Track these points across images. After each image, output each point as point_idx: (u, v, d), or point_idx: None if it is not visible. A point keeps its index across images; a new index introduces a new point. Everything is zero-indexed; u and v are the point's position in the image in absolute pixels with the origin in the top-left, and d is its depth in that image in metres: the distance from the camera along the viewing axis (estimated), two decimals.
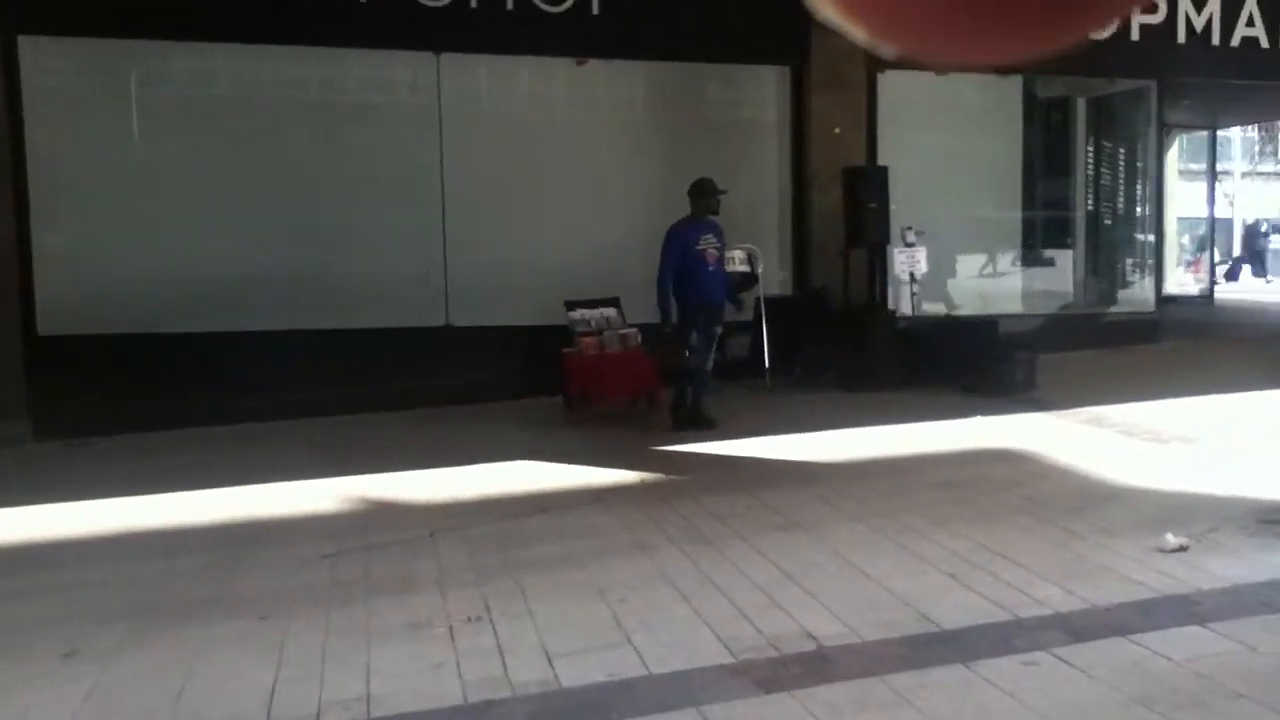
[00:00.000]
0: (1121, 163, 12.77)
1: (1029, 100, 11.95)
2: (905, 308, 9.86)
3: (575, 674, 3.79)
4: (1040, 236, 12.21)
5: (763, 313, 9.24)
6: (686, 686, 3.69)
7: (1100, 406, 8.18)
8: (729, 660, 3.88)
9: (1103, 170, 12.69)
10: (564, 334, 9.25)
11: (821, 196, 10.25)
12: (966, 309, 10.86)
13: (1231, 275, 21.64)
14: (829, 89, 10.22)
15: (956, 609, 4.29)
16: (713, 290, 7.98)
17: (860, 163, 10.12)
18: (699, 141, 10.86)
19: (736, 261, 8.87)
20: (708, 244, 7.96)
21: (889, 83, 10.53)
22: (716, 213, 8.15)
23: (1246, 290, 20.41)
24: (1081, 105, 12.27)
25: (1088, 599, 4.34)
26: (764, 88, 10.91)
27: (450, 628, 4.28)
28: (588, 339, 8.56)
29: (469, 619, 4.36)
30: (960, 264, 11.57)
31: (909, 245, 9.46)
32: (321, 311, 9.48)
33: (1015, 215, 11.99)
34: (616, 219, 10.62)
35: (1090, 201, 12.54)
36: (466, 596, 4.63)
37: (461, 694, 3.68)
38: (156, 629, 4.42)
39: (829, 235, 10.18)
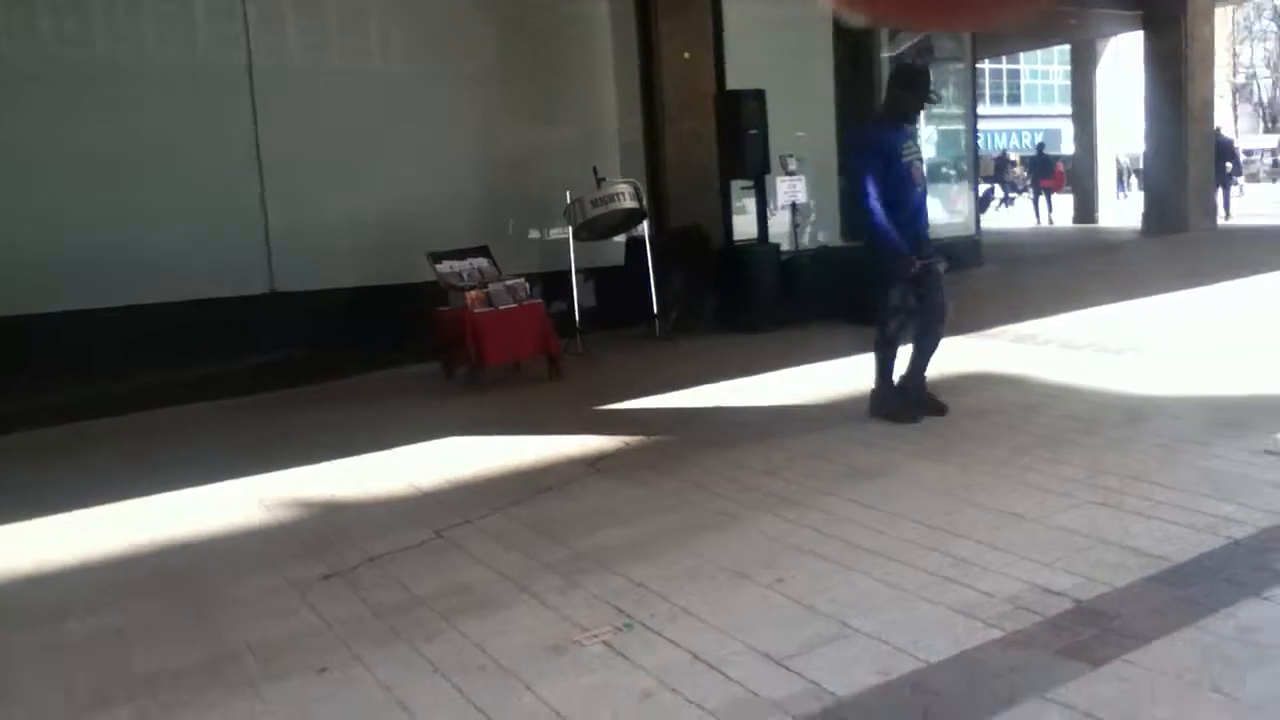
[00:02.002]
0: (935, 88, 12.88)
1: (838, 28, 11.70)
2: (784, 241, 9.35)
3: (838, 680, 2.93)
4: None
5: (647, 254, 8.42)
6: (987, 671, 2.93)
7: (1012, 325, 8.07)
8: (996, 634, 3.15)
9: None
10: (416, 292, 8.10)
11: (674, 127, 9.55)
12: (812, 239, 10.51)
13: (983, 205, 23.01)
14: (674, 12, 9.50)
15: (1158, 539, 3.77)
16: (922, 221, 5.59)
17: (710, 89, 9.50)
18: (529, 69, 9.85)
19: (626, 197, 8.01)
20: (911, 154, 5.49)
21: (731, 4, 9.95)
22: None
23: (994, 219, 21.72)
24: (885, 34, 12.22)
25: (1276, 511, 3.96)
26: (599, 9, 10.00)
27: (605, 643, 3.28)
28: (474, 294, 7.41)
29: (616, 629, 3.37)
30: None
31: (790, 173, 8.95)
32: (125, 286, 7.74)
33: (833, 143, 11.74)
34: (449, 158, 9.47)
35: None
36: (578, 601, 3.62)
37: None
38: (179, 706, 3.11)
39: (686, 168, 9.52)
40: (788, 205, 9.07)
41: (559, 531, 4.38)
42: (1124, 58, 21.42)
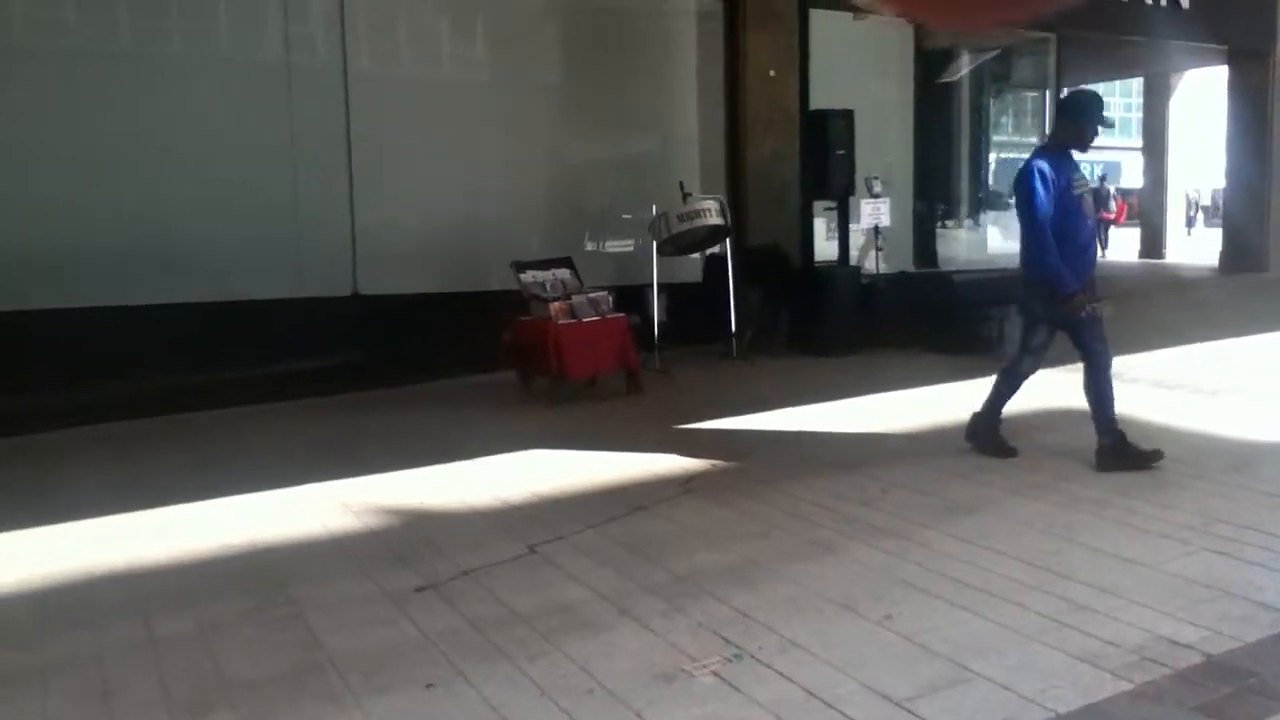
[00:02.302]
0: (1014, 117, 12.75)
1: (920, 52, 11.58)
2: (867, 263, 9.25)
3: None
4: (943, 190, 11.93)
5: (728, 272, 8.34)
6: None
7: None
8: (1125, 685, 3.03)
9: (997, 124, 12.62)
10: (492, 300, 8.12)
11: (756, 145, 9.48)
12: (892, 264, 10.34)
13: None
14: (763, 27, 9.44)
15: (1250, 605, 3.62)
16: (1090, 255, 5.35)
17: (794, 108, 9.44)
18: (612, 81, 9.81)
19: (712, 214, 7.95)
20: (1082, 187, 5.25)
21: (815, 22, 9.88)
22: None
23: None
24: (967, 57, 12.07)
25: None
26: (684, 23, 9.96)
27: (715, 673, 3.21)
28: (557, 305, 7.38)
29: (725, 659, 3.30)
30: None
31: (875, 196, 8.85)
32: (203, 283, 7.79)
33: (910, 167, 11.60)
34: (535, 170, 9.48)
35: (988, 156, 12.42)
36: (683, 627, 3.55)
37: None
38: (280, 714, 3.08)
39: (765, 186, 9.45)
40: (871, 227, 8.98)
41: (654, 552, 4.32)
42: (1198, 91, 21.07)
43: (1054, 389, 7.06)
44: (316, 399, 7.69)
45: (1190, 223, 26.86)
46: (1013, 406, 6.12)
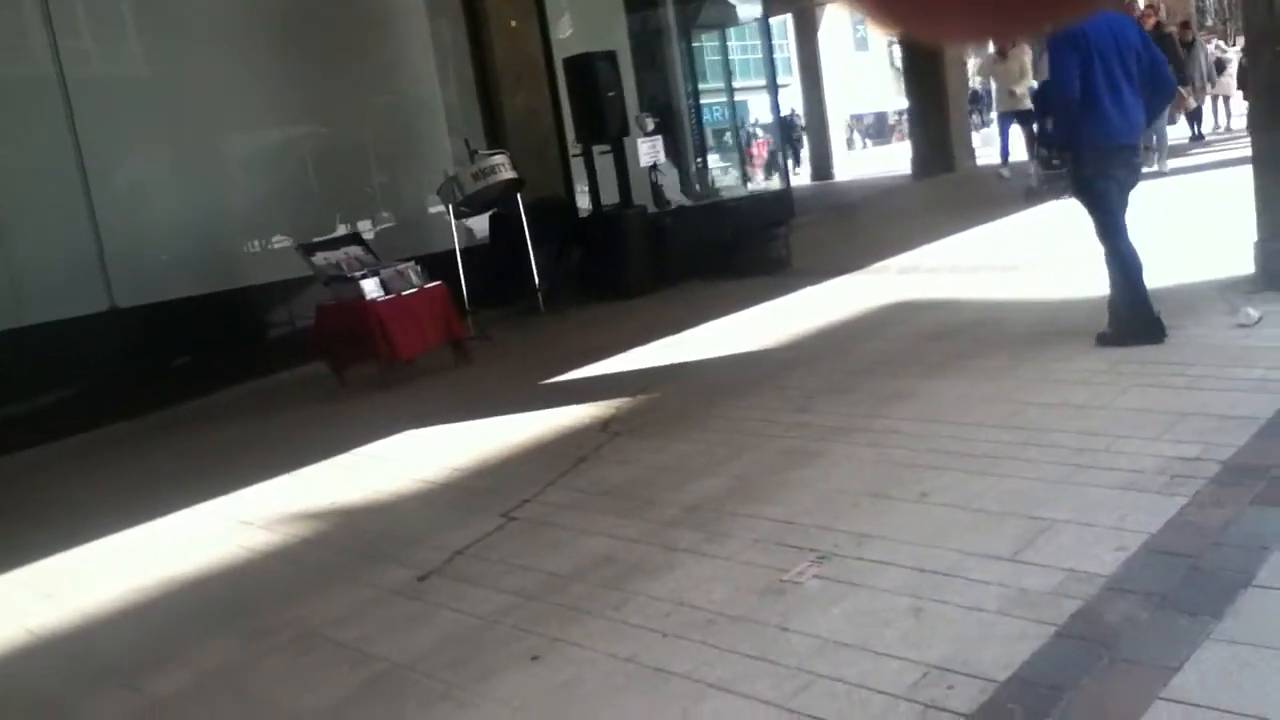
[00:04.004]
0: (721, 56, 13.15)
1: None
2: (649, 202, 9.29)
3: (1087, 563, 2.96)
4: (672, 128, 12.15)
5: (523, 228, 8.11)
6: (1210, 531, 3.05)
7: (886, 261, 8.41)
8: (1180, 500, 3.27)
9: (706, 64, 12.97)
10: (260, 293, 7.59)
11: (510, 98, 9.28)
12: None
13: None
14: None
15: (1231, 405, 4.04)
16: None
17: (539, 56, 9.35)
18: (344, 45, 9.20)
19: (505, 168, 7.71)
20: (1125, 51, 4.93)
21: None
22: None
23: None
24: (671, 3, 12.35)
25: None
26: None
27: (817, 576, 3.17)
28: (371, 282, 6.91)
29: (813, 563, 3.26)
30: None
31: (649, 134, 8.89)
32: None
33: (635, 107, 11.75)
34: (281, 157, 8.79)
35: (699, 94, 12.76)
36: (741, 548, 3.47)
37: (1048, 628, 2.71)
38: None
39: (524, 138, 9.27)
40: (649, 165, 9.04)
41: (641, 492, 4.19)
42: (838, 22, 22.77)
43: (866, 289, 7.47)
44: (120, 424, 6.83)
45: (850, 144, 29.15)
46: (828, 316, 6.45)
